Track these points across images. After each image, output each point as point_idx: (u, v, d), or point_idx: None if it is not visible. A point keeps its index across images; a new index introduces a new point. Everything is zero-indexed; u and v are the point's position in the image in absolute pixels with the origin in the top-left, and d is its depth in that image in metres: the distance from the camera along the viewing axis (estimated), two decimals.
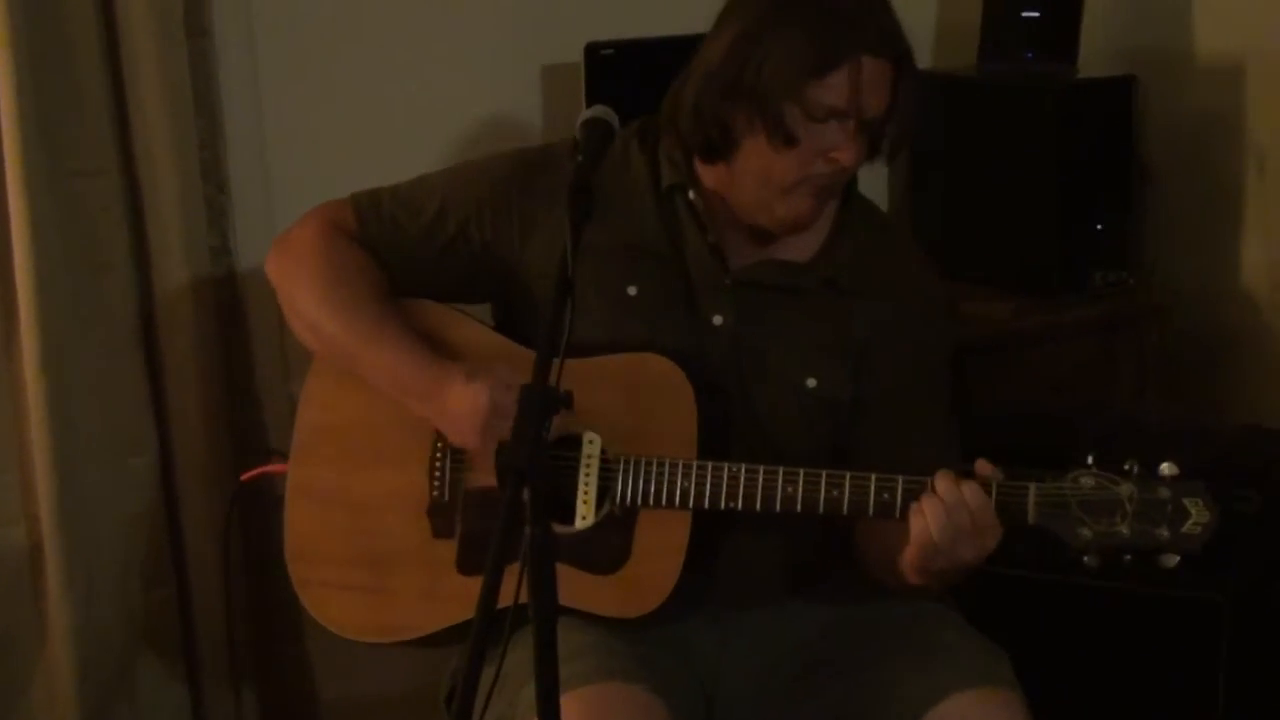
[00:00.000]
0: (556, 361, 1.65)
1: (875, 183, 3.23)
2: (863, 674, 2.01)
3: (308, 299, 2.10)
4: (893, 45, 1.97)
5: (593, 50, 2.75)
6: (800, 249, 2.10)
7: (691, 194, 2.08)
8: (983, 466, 1.88)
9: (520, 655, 1.65)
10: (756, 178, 2.01)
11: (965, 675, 1.95)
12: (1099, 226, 3.01)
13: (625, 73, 2.72)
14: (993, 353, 3.06)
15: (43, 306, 2.44)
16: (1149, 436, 2.59)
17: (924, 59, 3.22)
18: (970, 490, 1.85)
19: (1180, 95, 3.12)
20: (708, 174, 2.07)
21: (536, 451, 1.57)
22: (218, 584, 2.47)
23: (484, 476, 2.05)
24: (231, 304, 2.66)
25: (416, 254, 2.13)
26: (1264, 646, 2.50)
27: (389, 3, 2.78)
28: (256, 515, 2.49)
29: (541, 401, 1.60)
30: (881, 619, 2.08)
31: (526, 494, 1.54)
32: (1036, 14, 3.09)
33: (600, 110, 1.92)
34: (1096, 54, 3.10)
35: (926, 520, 1.85)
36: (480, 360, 2.06)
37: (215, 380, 2.61)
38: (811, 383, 2.06)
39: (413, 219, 2.13)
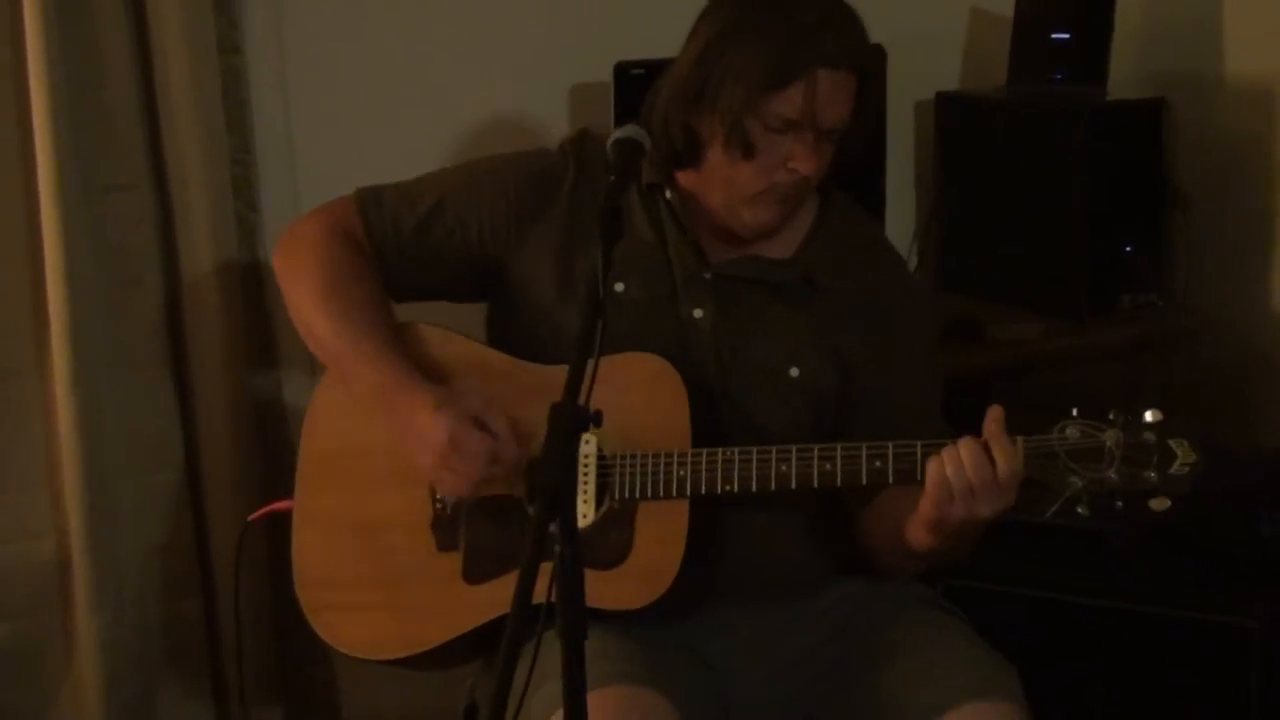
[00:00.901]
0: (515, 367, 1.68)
1: (904, 204, 3.24)
2: (872, 681, 2.03)
3: (304, 300, 2.15)
4: (851, 57, 2.01)
5: (622, 70, 2.76)
6: (780, 245, 2.14)
7: (669, 193, 2.13)
8: (993, 413, 1.89)
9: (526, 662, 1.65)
10: (722, 185, 2.07)
11: (972, 687, 1.96)
12: (1128, 249, 3.00)
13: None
14: (1020, 375, 3.05)
15: (73, 321, 2.45)
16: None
17: (953, 80, 3.25)
18: (986, 437, 1.86)
19: (1210, 117, 3.11)
20: (683, 177, 2.13)
21: (568, 471, 1.59)
22: (244, 597, 2.47)
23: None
24: (261, 320, 2.67)
25: (413, 247, 2.17)
26: None
27: (419, 22, 2.79)
28: (283, 534, 2.49)
29: (572, 421, 1.61)
30: (890, 627, 2.09)
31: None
32: (1066, 36, 3.08)
33: (632, 130, 1.96)
34: (1126, 76, 3.09)
35: (945, 467, 1.86)
36: (469, 379, 2.09)
37: (243, 396, 2.62)
38: (794, 372, 2.09)
39: (412, 213, 2.18)
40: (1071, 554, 2.54)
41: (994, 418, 1.89)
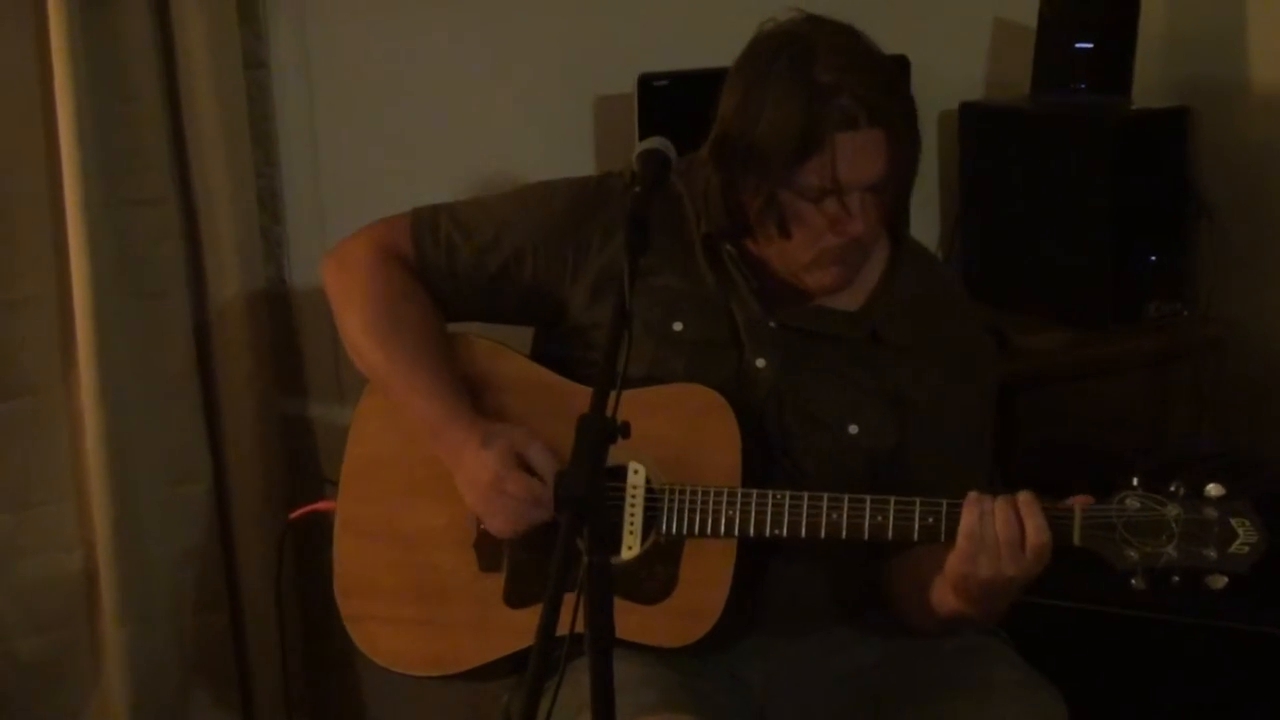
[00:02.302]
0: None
1: (928, 214, 3.23)
2: (914, 710, 2.00)
3: (356, 323, 2.13)
4: (872, 113, 1.92)
5: (646, 81, 2.76)
6: (849, 298, 2.09)
7: (729, 246, 2.08)
8: (1025, 498, 1.86)
9: (570, 687, 1.64)
10: (776, 255, 2.03)
11: (1019, 714, 1.94)
12: (1153, 258, 2.99)
13: (678, 104, 2.72)
14: (1046, 385, 3.04)
15: (100, 335, 2.46)
16: (1203, 470, 2.56)
17: (977, 91, 3.25)
18: (1018, 502, 1.84)
19: (1235, 126, 3.10)
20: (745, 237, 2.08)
21: (595, 481, 1.58)
22: (271, 613, 2.48)
23: None
24: (286, 333, 2.68)
25: (468, 279, 2.15)
26: None
27: (444, 35, 2.80)
28: (310, 546, 2.50)
29: (599, 431, 1.60)
30: (933, 654, 2.06)
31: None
32: (1090, 45, 3.08)
33: (658, 141, 1.94)
34: (1151, 85, 3.09)
35: (972, 516, 1.84)
36: (521, 395, 2.08)
37: (269, 408, 2.63)
38: (854, 429, 2.05)
39: (467, 243, 2.15)
40: (1108, 566, 2.52)
41: (1024, 500, 1.85)
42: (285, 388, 2.68)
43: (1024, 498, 1.84)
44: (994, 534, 1.83)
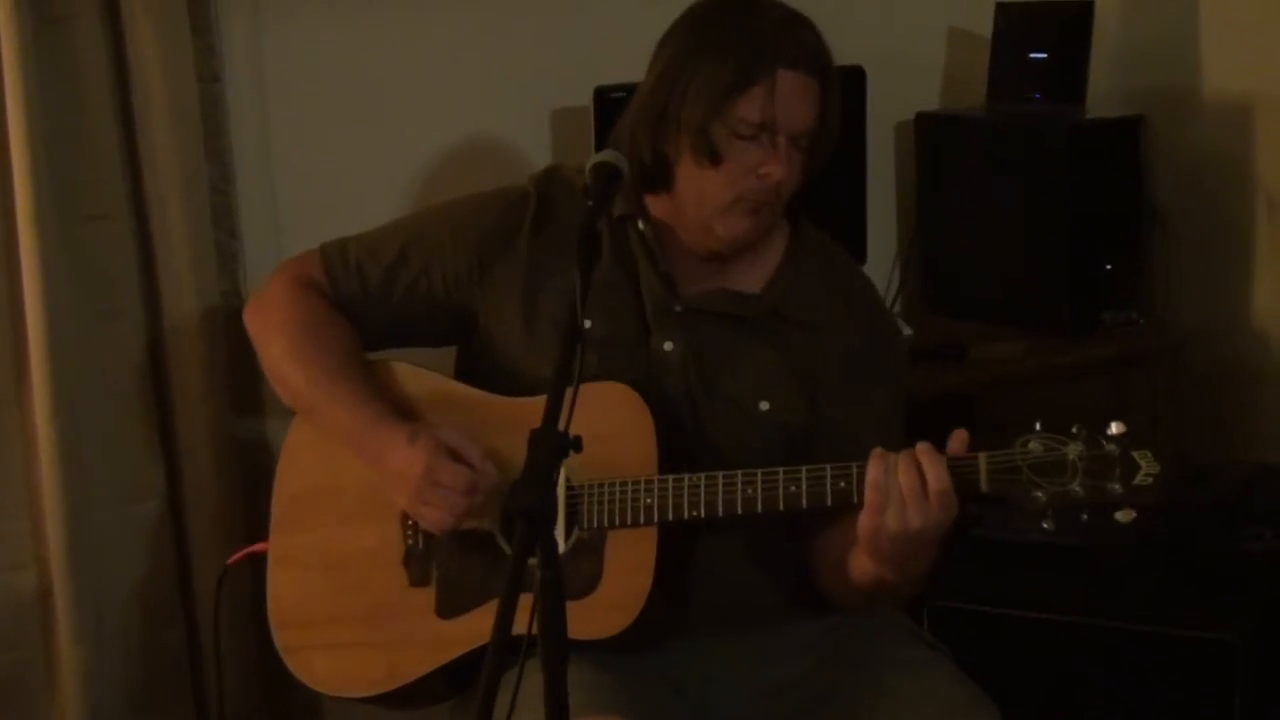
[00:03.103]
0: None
1: (884, 224, 3.24)
2: (850, 716, 2.03)
3: (276, 350, 2.17)
4: (812, 60, 2.02)
5: (602, 94, 2.76)
6: (751, 279, 2.14)
7: (641, 224, 2.13)
8: (956, 438, 1.89)
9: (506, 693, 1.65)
10: (693, 200, 2.06)
11: None
12: (1108, 266, 3.01)
13: None
14: (1003, 393, 3.06)
15: (53, 351, 2.44)
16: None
17: (932, 101, 3.27)
18: (917, 451, 1.86)
19: (1189, 135, 3.12)
20: (654, 204, 2.12)
21: (548, 495, 1.59)
22: (227, 632, 2.46)
23: None
24: (242, 349, 2.65)
25: (380, 299, 2.18)
26: (1277, 686, 2.48)
27: (399, 47, 2.80)
28: (262, 568, 2.49)
29: (552, 445, 1.61)
30: (869, 663, 2.09)
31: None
32: (1044, 55, 3.10)
33: (609, 154, 1.97)
34: (1105, 95, 3.11)
35: (877, 469, 1.86)
36: (443, 413, 2.10)
37: (224, 425, 2.62)
38: (764, 406, 2.09)
39: (376, 265, 2.18)
40: (1054, 573, 2.54)
41: (956, 441, 1.88)
42: (241, 404, 2.66)
43: (922, 447, 1.87)
44: (898, 485, 1.85)
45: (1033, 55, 3.11)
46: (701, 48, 2.02)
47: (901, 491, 1.85)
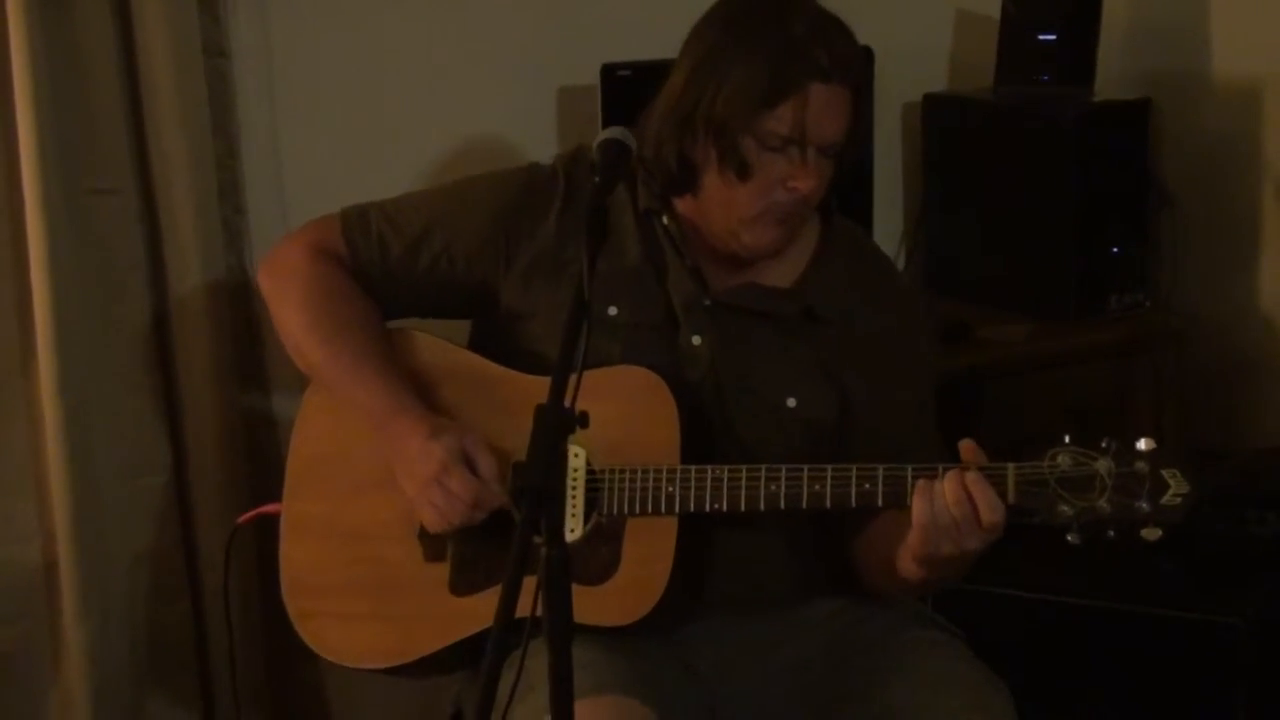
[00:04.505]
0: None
1: (891, 205, 3.24)
2: (864, 699, 2.02)
3: (294, 324, 2.14)
4: (845, 72, 1.97)
5: (609, 71, 2.75)
6: (781, 274, 2.11)
7: (666, 219, 2.10)
8: (966, 449, 1.88)
9: (518, 671, 1.66)
10: (720, 208, 2.03)
11: (962, 705, 1.96)
12: (1115, 250, 3.01)
13: (641, 94, 2.70)
14: (1009, 377, 3.06)
15: (59, 327, 2.44)
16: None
17: (940, 82, 3.26)
18: (967, 481, 1.85)
19: (1197, 118, 3.11)
20: (680, 202, 2.10)
21: (554, 471, 1.58)
22: (232, 601, 2.46)
23: None
24: (248, 324, 2.66)
25: (402, 274, 2.16)
26: None
27: (405, 25, 2.79)
28: (269, 540, 2.49)
29: (558, 422, 1.60)
30: (882, 644, 2.08)
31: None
32: (1053, 37, 3.09)
33: (618, 131, 1.93)
34: (1113, 77, 3.10)
35: (930, 505, 1.85)
36: (462, 387, 2.09)
37: (230, 400, 2.62)
38: (792, 402, 2.07)
39: (399, 237, 2.16)
40: (1060, 555, 2.53)
41: (967, 453, 1.87)
42: (246, 379, 2.66)
43: (971, 477, 1.85)
44: (949, 517, 1.85)
45: (1041, 37, 3.10)
46: (732, 53, 1.98)
47: (954, 522, 1.84)
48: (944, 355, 2.84)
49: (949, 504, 1.84)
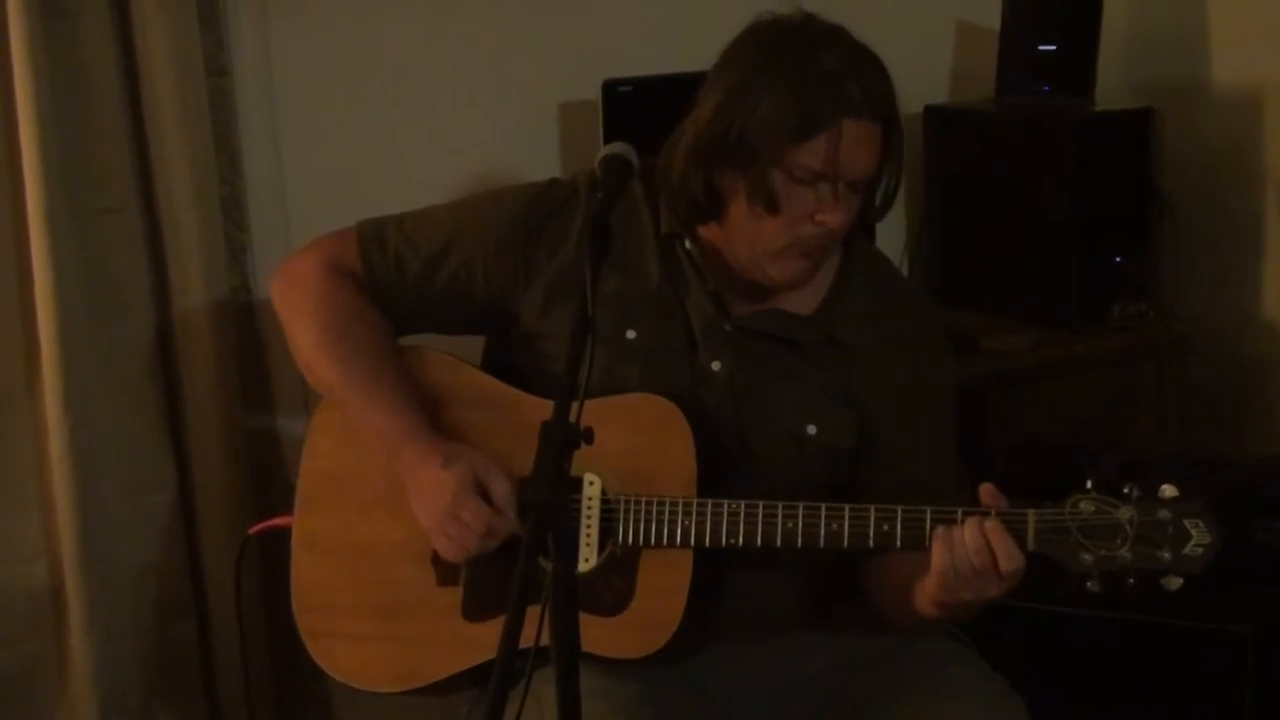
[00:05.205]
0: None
1: (894, 217, 3.23)
2: (879, 710, 2.01)
3: (306, 341, 2.12)
4: (876, 107, 1.95)
5: (610, 87, 2.76)
6: (802, 302, 2.09)
7: (689, 244, 2.08)
8: (986, 493, 1.87)
9: (531, 699, 1.65)
10: (746, 240, 2.01)
11: (977, 716, 1.95)
12: (1118, 259, 3.01)
13: (643, 110, 2.72)
14: (1012, 386, 3.06)
15: (64, 345, 2.44)
16: (1169, 468, 2.58)
17: (941, 94, 3.26)
18: (986, 530, 1.83)
19: (1198, 127, 3.12)
20: (704, 228, 2.07)
21: (558, 487, 1.57)
22: (237, 623, 2.47)
23: None
24: (252, 342, 2.66)
25: (418, 291, 2.14)
26: None
27: (407, 41, 2.80)
28: (276, 556, 2.49)
29: (562, 438, 1.60)
30: (894, 656, 2.07)
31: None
32: (1053, 48, 3.09)
33: (620, 147, 1.92)
34: (1114, 87, 3.10)
35: (943, 552, 1.84)
36: (475, 409, 2.07)
37: (234, 417, 2.62)
38: (812, 430, 2.05)
39: (416, 254, 2.14)
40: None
41: (988, 497, 1.86)
42: (251, 397, 2.66)
43: (991, 526, 1.83)
44: (968, 566, 1.83)
45: (1041, 48, 3.10)
46: (763, 84, 1.95)
47: (973, 569, 1.83)
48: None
49: (969, 552, 1.82)
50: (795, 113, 1.92)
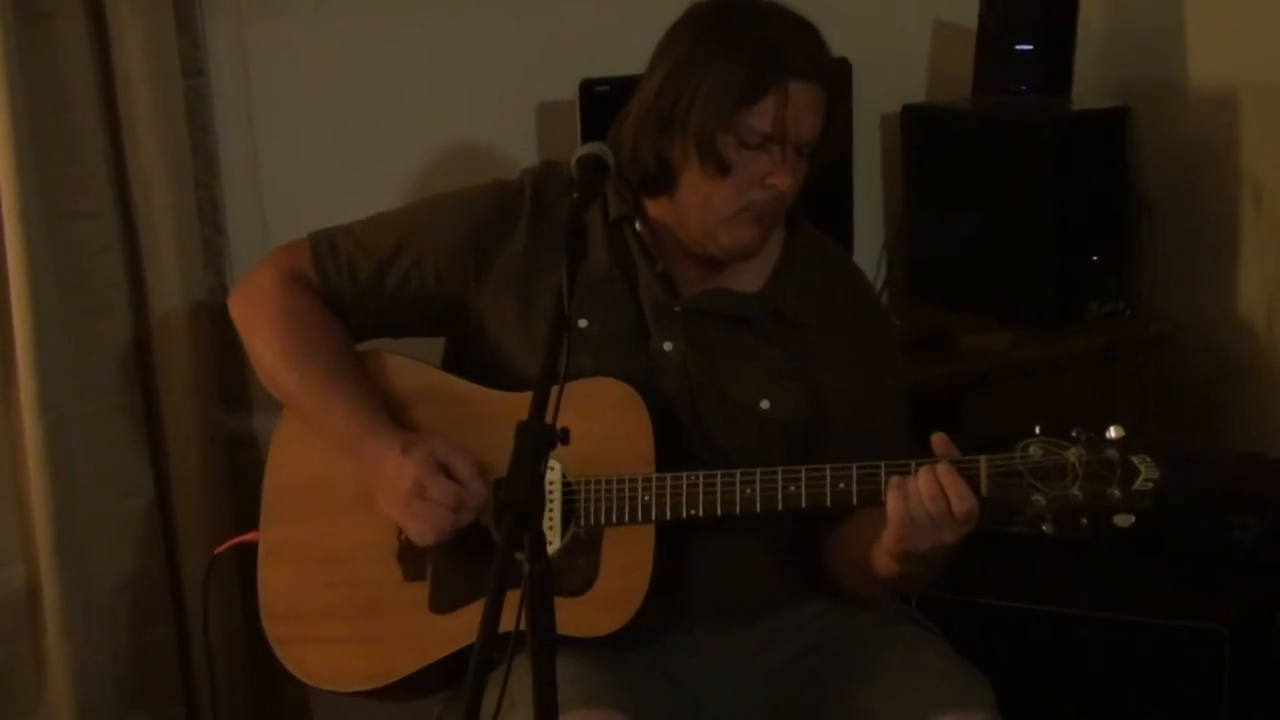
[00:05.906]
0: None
1: (871, 216, 3.25)
2: (846, 696, 2.04)
3: (267, 352, 2.15)
4: (820, 71, 2.02)
5: (587, 87, 2.76)
6: (749, 279, 2.14)
7: (638, 225, 2.12)
8: (939, 442, 1.90)
9: (500, 688, 1.67)
10: (698, 208, 2.05)
11: (943, 698, 1.97)
12: (1095, 258, 3.02)
13: (620, 109, 2.71)
14: (990, 385, 3.06)
15: (40, 348, 2.44)
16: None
17: (919, 93, 3.27)
18: (939, 474, 1.86)
19: (1174, 126, 3.13)
20: (653, 206, 2.12)
21: (536, 487, 1.59)
22: (215, 625, 2.46)
23: None
24: (229, 344, 2.65)
25: (371, 294, 2.17)
26: (1266, 676, 2.49)
27: (384, 41, 2.79)
28: (250, 562, 2.49)
29: (539, 438, 1.61)
30: (862, 642, 2.10)
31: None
32: (1031, 47, 3.10)
33: (595, 147, 1.96)
34: (1090, 86, 3.11)
35: (904, 502, 1.87)
36: (433, 406, 2.10)
37: (212, 421, 2.61)
38: (765, 404, 2.09)
39: (367, 259, 2.17)
40: (1042, 563, 2.54)
41: (939, 446, 1.88)
42: (228, 399, 2.66)
43: (943, 469, 1.87)
44: (923, 513, 1.86)
45: (1018, 47, 3.11)
46: (709, 54, 2.01)
47: (929, 516, 1.86)
48: (926, 366, 2.86)
49: (924, 499, 1.86)
50: (742, 78, 1.98)
